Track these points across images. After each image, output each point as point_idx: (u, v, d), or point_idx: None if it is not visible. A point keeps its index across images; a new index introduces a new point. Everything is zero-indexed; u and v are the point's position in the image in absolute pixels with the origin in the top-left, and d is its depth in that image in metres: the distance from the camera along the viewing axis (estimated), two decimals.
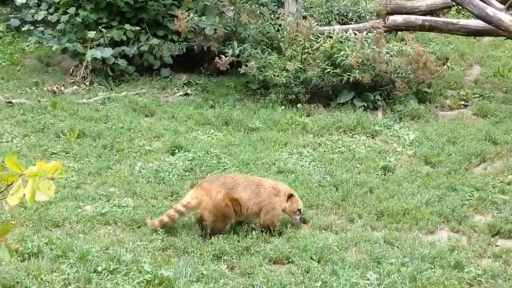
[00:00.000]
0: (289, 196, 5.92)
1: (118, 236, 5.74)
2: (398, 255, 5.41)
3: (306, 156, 7.78)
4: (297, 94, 9.53)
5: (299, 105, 9.49)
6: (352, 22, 11.53)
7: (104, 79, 10.60)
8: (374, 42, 9.46)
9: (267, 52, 9.85)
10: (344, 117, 8.88)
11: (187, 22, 9.97)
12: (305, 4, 11.43)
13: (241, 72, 9.78)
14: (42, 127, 8.47)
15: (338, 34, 9.75)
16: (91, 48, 10.50)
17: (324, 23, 11.23)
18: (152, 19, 11.16)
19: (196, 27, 10.34)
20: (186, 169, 7.26)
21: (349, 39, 9.66)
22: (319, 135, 8.45)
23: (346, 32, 9.93)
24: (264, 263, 5.33)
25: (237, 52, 9.74)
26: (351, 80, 9.21)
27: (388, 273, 5.08)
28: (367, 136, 8.46)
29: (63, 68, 11.31)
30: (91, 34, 10.45)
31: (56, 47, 10.76)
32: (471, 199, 6.54)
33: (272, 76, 9.45)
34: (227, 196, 5.76)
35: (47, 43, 11.00)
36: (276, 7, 10.73)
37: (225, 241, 5.60)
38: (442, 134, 8.36)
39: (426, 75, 9.43)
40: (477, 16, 9.98)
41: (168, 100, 10.11)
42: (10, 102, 9.44)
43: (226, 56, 9.60)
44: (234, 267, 5.32)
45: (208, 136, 8.42)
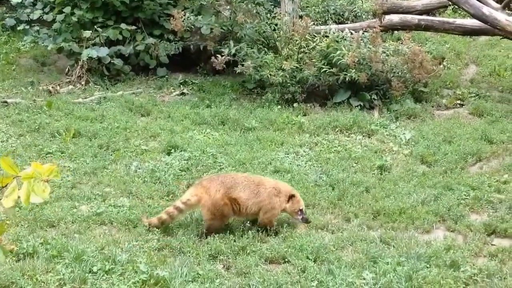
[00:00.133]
0: (290, 196, 5.89)
1: (114, 236, 5.73)
2: (394, 254, 5.41)
3: (302, 156, 7.78)
4: (293, 94, 9.53)
5: (295, 104, 9.48)
6: (348, 22, 11.51)
7: (100, 78, 10.57)
8: (370, 42, 9.47)
9: (264, 52, 9.84)
10: (341, 116, 8.88)
11: (183, 21, 9.96)
12: (301, 4, 11.42)
13: (237, 72, 9.77)
14: (37, 127, 8.44)
15: (334, 33, 9.75)
16: (86, 47, 10.48)
17: (320, 22, 11.22)
18: (148, 19, 11.14)
19: (192, 27, 10.32)
20: (182, 168, 7.24)
21: (345, 39, 9.66)
22: (316, 135, 8.45)
23: (342, 31, 9.92)
24: (260, 262, 5.32)
25: (233, 51, 9.73)
26: (347, 79, 9.20)
27: (384, 272, 5.07)
28: (363, 136, 8.46)
29: (59, 68, 11.28)
30: (87, 34, 10.42)
31: (51, 46, 10.73)
32: (467, 198, 6.54)
33: (269, 75, 9.44)
34: (225, 195, 5.74)
35: (43, 43, 10.98)
36: (272, 6, 10.72)
37: (221, 240, 5.59)
38: (438, 133, 8.37)
39: (422, 74, 9.43)
40: (473, 16, 9.99)
41: (164, 99, 10.09)
42: (6, 102, 9.41)
43: (222, 56, 9.58)
44: (230, 266, 5.31)
45: (204, 135, 8.41)
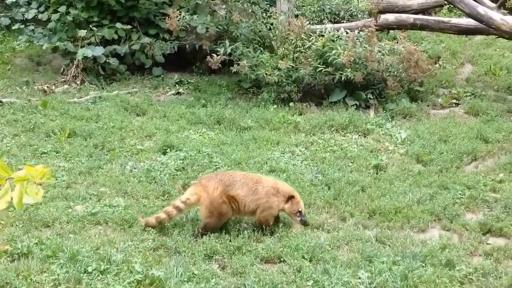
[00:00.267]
0: (289, 197, 5.85)
1: (109, 236, 5.71)
2: (389, 253, 5.40)
3: (298, 155, 7.77)
4: (289, 93, 9.52)
5: (291, 104, 9.48)
6: (344, 21, 11.53)
7: (95, 78, 10.55)
8: (366, 41, 9.47)
9: (259, 51, 9.84)
10: (336, 115, 8.88)
11: (179, 20, 9.94)
12: (297, 3, 11.42)
13: (233, 71, 9.75)
14: (32, 127, 8.41)
15: (330, 32, 9.75)
16: (82, 47, 10.45)
17: (316, 21, 11.23)
18: (144, 18, 11.12)
19: (187, 26, 10.31)
20: (177, 168, 7.22)
21: (341, 38, 9.66)
22: (311, 134, 8.44)
23: (338, 30, 9.93)
24: (256, 262, 5.31)
25: (229, 50, 9.72)
26: (343, 78, 9.21)
27: (379, 271, 5.07)
28: (359, 135, 8.46)
29: (54, 67, 11.25)
30: (82, 33, 10.40)
31: (46, 46, 10.70)
32: (463, 198, 6.55)
33: (264, 75, 9.43)
34: (224, 193, 5.73)
35: (38, 42, 10.95)
36: (268, 5, 10.72)
37: (216, 240, 5.57)
38: (433, 132, 8.37)
39: (418, 73, 9.44)
40: (468, 15, 10.01)
41: (159, 99, 10.08)
42: (0, 102, 9.37)
43: (218, 55, 9.57)
44: (225, 266, 5.30)
45: (200, 135, 8.39)
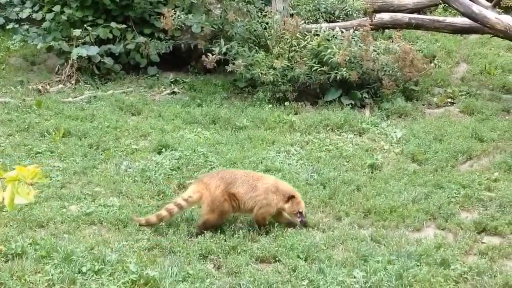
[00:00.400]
0: (290, 197, 5.83)
1: (104, 236, 5.68)
2: (384, 252, 5.40)
3: (293, 154, 7.76)
4: (284, 92, 9.52)
5: (286, 103, 9.47)
6: (339, 20, 11.53)
7: (90, 77, 10.52)
8: (361, 40, 9.47)
9: (254, 50, 9.82)
10: (332, 115, 8.88)
11: (174, 20, 9.91)
12: (292, 2, 11.42)
13: (228, 70, 9.74)
14: (27, 126, 8.38)
15: (325, 32, 9.74)
16: (76, 46, 10.42)
17: (311, 21, 11.23)
18: (139, 17, 11.09)
19: (182, 25, 10.29)
20: (172, 168, 7.21)
21: (336, 37, 9.66)
22: (307, 133, 8.44)
23: (333, 30, 9.93)
24: (251, 262, 5.30)
25: (224, 50, 9.70)
26: (338, 78, 9.20)
27: (374, 271, 5.06)
28: (354, 134, 8.46)
29: (49, 67, 11.21)
30: (77, 32, 10.37)
31: (41, 45, 10.67)
32: (458, 197, 6.55)
33: (260, 74, 9.42)
34: (226, 191, 5.73)
35: (32, 42, 10.91)
36: (263, 5, 10.71)
37: (211, 240, 5.56)
38: (429, 131, 8.38)
39: (413, 73, 9.45)
40: (463, 14, 10.03)
41: (155, 98, 10.06)
42: None
43: (213, 54, 9.55)
44: (220, 266, 5.28)
45: (195, 134, 8.37)
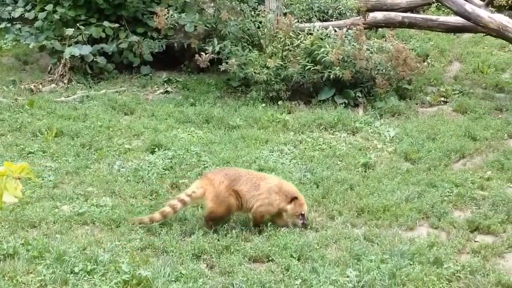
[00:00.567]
0: (293, 198, 5.82)
1: (96, 236, 5.66)
2: (377, 252, 5.40)
3: (287, 154, 7.76)
4: (278, 91, 9.51)
5: (280, 102, 9.47)
6: (333, 19, 11.55)
7: (82, 77, 10.49)
8: (354, 39, 9.48)
9: (248, 49, 9.81)
10: (325, 114, 8.88)
11: (167, 19, 9.89)
12: (285, 1, 11.42)
13: (221, 70, 9.73)
14: (19, 126, 8.35)
15: (318, 31, 9.74)
16: (69, 45, 10.39)
17: (304, 20, 11.25)
18: (131, 16, 11.06)
19: (176, 24, 10.28)
20: (165, 167, 7.19)
21: (329, 36, 9.67)
22: (300, 133, 8.44)
23: (327, 29, 9.94)
24: (244, 261, 5.28)
25: (217, 49, 9.69)
26: (331, 77, 9.21)
27: (367, 270, 5.06)
28: (347, 133, 8.47)
29: (41, 66, 11.17)
30: (69, 32, 10.33)
31: (33, 44, 10.63)
32: (451, 195, 6.56)
33: (253, 73, 9.42)
34: (230, 187, 5.74)
35: (25, 41, 10.88)
36: (256, 4, 10.71)
37: (204, 240, 5.55)
38: (422, 130, 8.39)
39: (406, 71, 9.46)
40: (456, 13, 10.05)
41: (148, 98, 10.04)
42: None
43: (206, 53, 9.54)
44: (213, 266, 5.27)
45: (188, 134, 8.36)
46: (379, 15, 10.85)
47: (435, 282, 4.94)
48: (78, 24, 10.55)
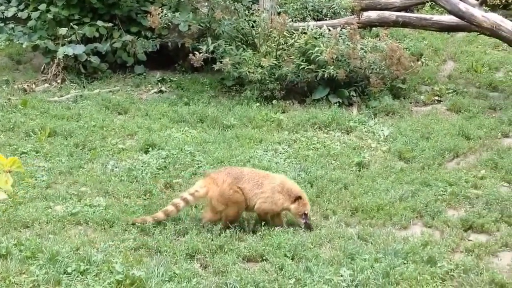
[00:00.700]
0: (297, 197, 5.80)
1: (89, 236, 5.64)
2: (371, 251, 5.40)
3: (281, 153, 7.75)
4: (272, 91, 9.50)
5: (274, 101, 9.46)
6: (327, 18, 11.53)
7: (76, 76, 10.46)
8: (348, 38, 9.47)
9: (242, 49, 9.80)
10: (319, 113, 8.88)
11: (161, 18, 9.87)
12: (279, 0, 11.40)
13: (215, 69, 9.71)
14: (12, 126, 8.32)
15: (312, 30, 9.74)
16: (62, 45, 10.36)
17: (298, 19, 11.23)
18: (125, 16, 11.03)
19: (170, 23, 10.25)
20: (159, 167, 7.17)
21: (323, 35, 9.66)
22: (294, 132, 8.43)
23: (321, 28, 9.93)
24: (238, 261, 5.27)
25: (211, 48, 9.66)
26: (326, 76, 9.20)
27: (361, 269, 5.06)
28: (342, 132, 8.46)
29: (34, 66, 11.13)
30: (63, 31, 10.30)
31: (26, 44, 10.59)
32: (444, 194, 6.57)
33: (247, 72, 9.40)
34: (233, 185, 5.72)
35: (18, 41, 10.83)
36: (250, 3, 10.69)
37: (198, 239, 5.53)
38: (416, 129, 8.40)
39: (400, 70, 9.47)
40: (449, 12, 10.06)
41: (142, 97, 10.01)
42: None
43: (200, 53, 9.52)
44: (207, 265, 5.26)
45: (182, 133, 8.34)
46: (373, 14, 10.85)
47: (428, 281, 4.94)
48: (71, 24, 10.50)
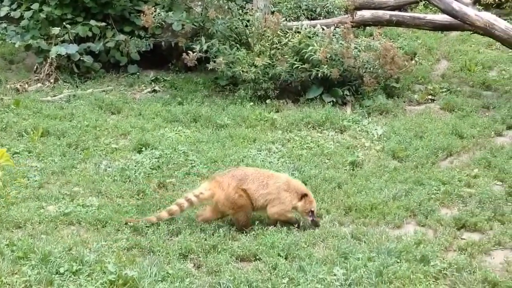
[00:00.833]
0: (303, 195, 5.80)
1: (82, 236, 5.62)
2: (365, 250, 5.40)
3: (275, 152, 7.74)
4: (266, 90, 9.49)
5: (268, 101, 9.45)
6: (321, 18, 11.54)
7: (69, 76, 10.42)
8: (342, 37, 9.47)
9: (236, 48, 9.78)
10: (313, 112, 8.87)
11: (154, 17, 9.84)
12: (273, 0, 11.39)
13: (209, 68, 9.68)
14: (4, 126, 8.27)
15: (306, 29, 9.73)
16: (55, 44, 10.31)
17: (292, 18, 11.23)
18: (119, 15, 10.99)
19: (163, 23, 10.22)
20: (153, 167, 7.15)
21: (317, 34, 9.66)
22: (288, 131, 8.43)
23: (314, 27, 9.93)
24: (231, 261, 5.26)
25: (205, 47, 9.64)
26: (319, 75, 9.20)
27: (354, 268, 5.06)
28: (335, 132, 8.46)
29: (27, 66, 11.08)
30: (56, 31, 10.25)
31: (19, 44, 10.53)
32: (438, 193, 6.57)
33: (241, 72, 9.39)
34: (238, 188, 5.71)
35: (10, 40, 10.76)
36: (244, 2, 10.68)
37: (191, 239, 5.52)
38: (409, 128, 8.41)
39: (394, 70, 9.48)
40: (443, 11, 10.08)
41: (135, 97, 9.98)
42: None
43: (194, 52, 9.50)
44: (200, 265, 5.24)
45: (176, 133, 8.32)
46: (367, 14, 10.86)
47: (421, 279, 4.95)
48: (64, 23, 10.46)
